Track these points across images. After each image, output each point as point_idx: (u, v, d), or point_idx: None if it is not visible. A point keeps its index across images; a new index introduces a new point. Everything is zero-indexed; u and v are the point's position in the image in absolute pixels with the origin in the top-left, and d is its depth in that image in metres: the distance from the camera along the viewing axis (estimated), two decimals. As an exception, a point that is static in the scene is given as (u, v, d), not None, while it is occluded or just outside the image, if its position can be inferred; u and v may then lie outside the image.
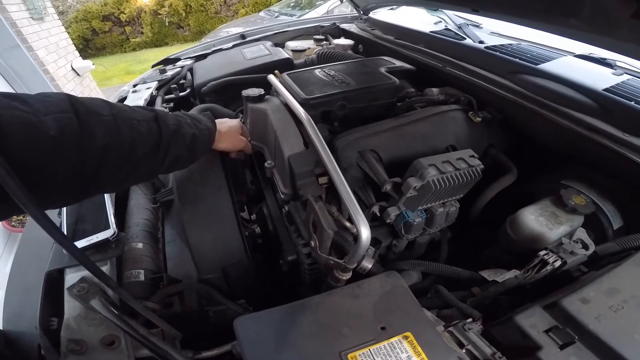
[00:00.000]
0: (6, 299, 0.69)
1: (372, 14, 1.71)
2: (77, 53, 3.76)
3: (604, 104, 0.78)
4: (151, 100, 1.22)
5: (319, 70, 1.01)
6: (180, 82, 1.45)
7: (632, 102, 0.75)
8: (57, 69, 3.25)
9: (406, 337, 0.44)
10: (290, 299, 0.53)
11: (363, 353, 0.42)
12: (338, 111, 0.87)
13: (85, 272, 0.58)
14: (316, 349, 0.44)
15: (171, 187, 0.84)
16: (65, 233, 0.61)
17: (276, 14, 4.54)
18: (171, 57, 1.66)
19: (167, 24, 8.48)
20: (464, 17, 1.37)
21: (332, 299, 0.52)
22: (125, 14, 8.28)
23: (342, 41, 1.56)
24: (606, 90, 0.81)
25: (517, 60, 1.01)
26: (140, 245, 0.68)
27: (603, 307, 0.49)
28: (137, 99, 1.18)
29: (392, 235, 0.78)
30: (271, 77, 1.00)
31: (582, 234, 0.61)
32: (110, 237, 0.61)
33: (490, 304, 0.62)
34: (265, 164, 0.87)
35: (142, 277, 0.64)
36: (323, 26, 1.79)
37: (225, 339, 0.59)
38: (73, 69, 3.58)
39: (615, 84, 0.83)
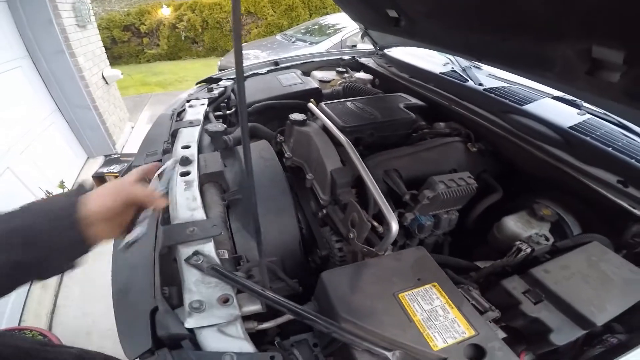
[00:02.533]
0: (113, 277, 0.81)
1: (387, 51, 2.01)
2: (107, 62, 3.99)
3: (568, 138, 1.05)
4: (205, 116, 1.46)
5: (350, 102, 1.27)
6: (225, 101, 1.71)
7: (588, 138, 1.02)
8: (91, 76, 3.43)
9: (434, 286, 0.68)
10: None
11: (408, 294, 0.66)
12: (367, 138, 1.13)
13: (197, 246, 0.77)
14: (377, 290, 0.66)
15: (237, 189, 1.08)
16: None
17: (293, 39, 4.88)
18: (214, 77, 1.91)
19: (183, 38, 8.86)
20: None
21: (384, 261, 0.75)
22: (145, 25, 8.64)
23: (363, 75, 1.84)
24: (570, 127, 1.07)
25: (507, 101, 1.28)
26: (222, 232, 0.91)
27: (559, 276, 0.73)
28: (195, 114, 1.42)
29: (406, 236, 1.02)
30: (311, 106, 1.26)
31: (545, 231, 0.86)
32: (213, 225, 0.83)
33: (483, 282, 0.85)
34: (307, 176, 1.12)
35: (227, 256, 0.82)
36: (344, 59, 2.07)
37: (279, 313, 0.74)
38: (103, 77, 3.81)
39: (578, 123, 1.10)
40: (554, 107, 1.26)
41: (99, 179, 2.99)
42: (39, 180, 2.64)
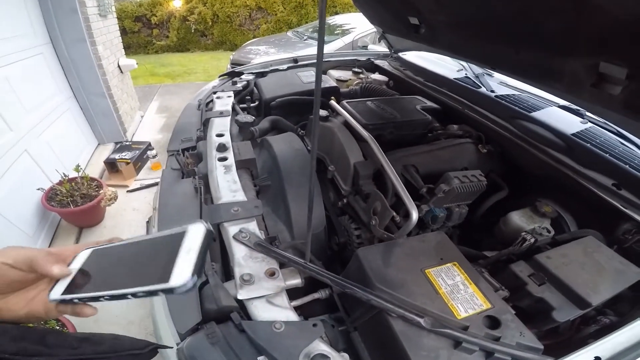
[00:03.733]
0: None
1: (401, 54, 2.10)
2: (123, 51, 4.05)
3: (570, 144, 1.15)
4: (233, 107, 1.55)
5: (370, 102, 1.37)
6: (248, 95, 1.80)
7: (589, 145, 1.12)
8: (108, 64, 3.49)
9: (454, 264, 0.78)
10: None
11: (434, 270, 0.76)
12: (387, 135, 1.23)
13: (243, 224, 0.85)
14: (406, 266, 0.76)
15: (266, 176, 1.18)
16: None
17: (305, 37, 4.96)
18: (236, 70, 2.00)
19: (192, 30, 8.90)
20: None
21: (411, 242, 0.84)
22: (156, 16, 8.64)
23: (378, 77, 1.94)
24: (573, 134, 1.18)
25: (516, 108, 1.39)
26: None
27: (559, 263, 0.83)
28: (224, 105, 1.50)
29: (419, 227, 1.12)
30: (334, 103, 1.36)
31: (547, 225, 0.97)
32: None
33: (490, 269, 0.95)
34: (329, 168, 1.21)
35: (263, 236, 0.85)
36: (359, 60, 2.17)
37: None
38: (119, 66, 3.88)
39: (581, 130, 1.21)
40: (559, 115, 1.37)
41: (111, 164, 3.06)
42: (54, 163, 2.73)
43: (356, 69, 2.07)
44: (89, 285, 0.43)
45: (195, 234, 0.42)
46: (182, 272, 0.37)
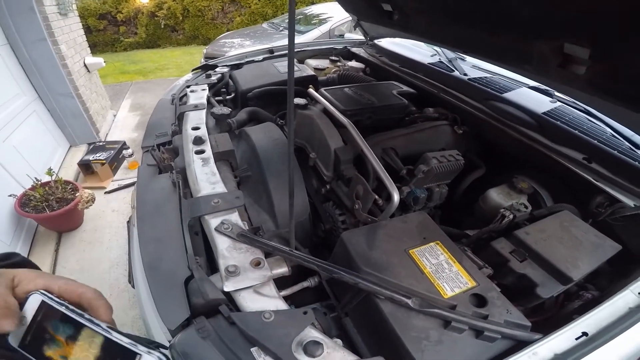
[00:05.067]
0: (142, 249, 0.81)
1: (377, 41, 2.11)
2: (89, 50, 3.90)
3: (541, 122, 1.19)
4: (207, 100, 1.51)
5: (348, 89, 1.36)
6: (223, 88, 1.76)
7: (558, 122, 1.16)
8: (73, 63, 3.36)
9: (437, 244, 0.79)
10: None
11: (418, 250, 0.77)
12: (365, 121, 1.23)
13: (225, 216, 0.84)
14: (390, 247, 0.77)
15: (246, 167, 1.16)
16: None
17: (281, 28, 4.88)
18: (210, 63, 1.95)
19: (162, 26, 8.61)
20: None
21: (393, 223, 0.85)
22: (122, 13, 8.33)
23: (355, 64, 1.94)
24: (544, 113, 1.22)
25: (489, 90, 1.42)
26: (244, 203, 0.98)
27: (538, 238, 0.85)
28: (199, 98, 1.46)
29: (402, 209, 1.13)
30: (312, 91, 1.35)
31: (524, 200, 1.00)
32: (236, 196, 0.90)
33: (473, 248, 0.97)
34: (310, 155, 1.21)
35: (246, 227, 0.85)
36: (336, 48, 2.16)
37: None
38: (85, 65, 3.73)
39: (550, 109, 1.25)
40: (529, 96, 1.41)
41: (85, 166, 2.95)
42: (24, 168, 2.61)
43: (333, 57, 2.06)
44: (40, 353, 0.41)
45: None
46: None
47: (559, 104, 1.34)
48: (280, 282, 0.77)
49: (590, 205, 1.01)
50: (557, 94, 1.42)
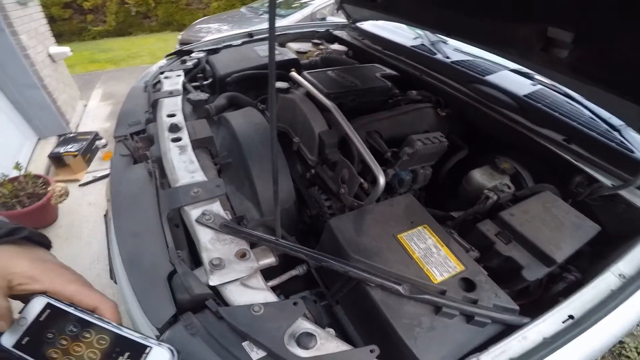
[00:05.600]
0: (119, 244, 0.78)
1: (359, 24, 2.06)
2: (53, 39, 3.68)
3: (523, 105, 1.20)
4: (183, 87, 1.45)
5: (331, 72, 1.33)
6: (200, 72, 1.68)
7: (539, 105, 1.17)
8: (36, 54, 3.19)
9: (425, 227, 0.78)
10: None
11: (406, 234, 0.75)
12: (349, 103, 1.20)
13: (205, 206, 0.79)
14: (379, 232, 0.75)
15: (227, 154, 1.11)
16: None
17: (260, 12, 4.73)
18: (184, 49, 1.86)
19: (133, 13, 8.22)
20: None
21: (380, 207, 0.83)
22: (89, 1, 7.91)
23: (338, 47, 1.89)
24: (525, 95, 1.22)
25: (471, 72, 1.41)
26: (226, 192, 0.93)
27: (522, 219, 0.85)
28: (173, 84, 1.39)
29: (387, 192, 1.12)
30: (294, 75, 1.30)
31: (507, 181, 1.01)
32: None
33: (458, 230, 0.97)
34: (294, 140, 1.18)
35: (229, 216, 0.81)
36: (318, 31, 2.10)
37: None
38: (49, 55, 3.52)
39: (531, 92, 1.26)
40: (511, 78, 1.41)
41: (57, 159, 2.80)
42: (-11, 164, 2.45)
43: (315, 41, 2.01)
44: (39, 353, 0.39)
45: (158, 358, 0.41)
46: None
47: (539, 86, 1.35)
48: (268, 272, 0.74)
49: (570, 185, 1.02)
50: (537, 76, 1.43)
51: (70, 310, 0.42)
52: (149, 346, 0.40)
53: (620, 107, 0.97)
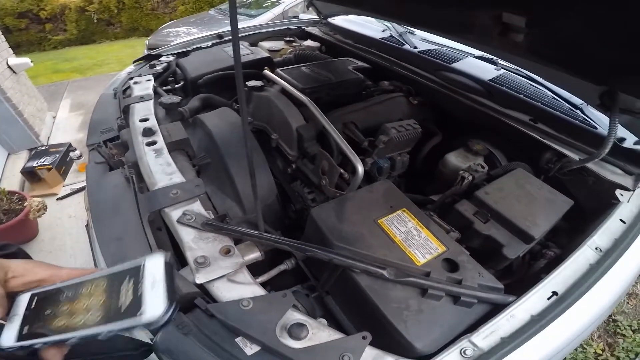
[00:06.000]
0: (103, 251, 0.77)
1: (330, 20, 2.09)
2: (10, 50, 3.51)
3: (489, 89, 1.25)
4: (154, 91, 1.41)
5: (304, 67, 1.34)
6: (171, 75, 1.66)
7: (504, 88, 1.23)
8: None
9: (404, 211, 0.80)
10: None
11: (386, 219, 0.77)
12: (324, 97, 1.22)
13: (186, 206, 0.79)
14: (360, 219, 0.76)
15: (205, 154, 1.11)
16: None
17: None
18: (153, 53, 1.82)
19: (95, 21, 7.93)
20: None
21: (360, 194, 0.85)
22: (46, 10, 7.57)
23: (311, 43, 1.90)
24: (490, 80, 1.28)
25: (438, 61, 1.46)
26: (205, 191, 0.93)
27: (497, 197, 0.88)
28: (144, 89, 1.35)
29: (367, 181, 1.15)
30: (268, 72, 1.31)
31: (481, 161, 1.05)
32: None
33: (438, 213, 1.00)
34: (272, 136, 1.18)
35: (211, 215, 0.81)
36: (290, 29, 2.11)
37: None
38: (9, 66, 3.36)
39: (496, 76, 1.31)
40: (476, 65, 1.47)
41: (30, 173, 2.68)
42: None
43: (288, 38, 2.01)
44: (45, 329, 0.40)
45: (154, 266, 0.41)
46: (155, 305, 0.37)
47: (503, 71, 1.41)
48: (257, 269, 0.75)
49: (541, 162, 1.07)
50: (500, 62, 1.50)
51: (57, 285, 0.43)
52: (141, 264, 0.41)
53: (577, 86, 1.02)
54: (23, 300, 0.42)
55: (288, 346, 0.55)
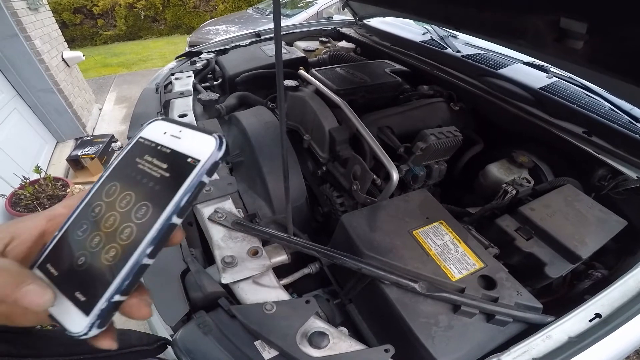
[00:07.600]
0: None
1: (366, 21, 2.05)
2: (66, 44, 3.77)
3: (539, 97, 1.16)
4: (194, 87, 1.45)
5: (340, 68, 1.32)
6: (210, 72, 1.70)
7: (556, 97, 1.14)
8: (50, 59, 3.27)
9: (441, 223, 0.76)
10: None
11: (421, 230, 0.73)
12: (359, 100, 1.19)
13: (218, 204, 0.79)
14: (393, 228, 0.73)
15: (239, 152, 1.11)
16: None
17: (266, 13, 4.76)
18: (194, 50, 1.87)
19: (142, 17, 8.34)
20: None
21: (395, 203, 0.81)
22: (98, 6, 8.02)
23: (346, 44, 1.88)
24: (541, 88, 1.19)
25: (483, 66, 1.38)
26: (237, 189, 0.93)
27: (543, 214, 0.82)
28: (184, 85, 1.40)
29: (401, 189, 1.10)
30: (303, 72, 1.30)
31: (526, 175, 0.98)
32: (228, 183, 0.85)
33: (476, 226, 0.94)
34: (304, 137, 1.17)
35: (241, 214, 0.81)
36: (325, 29, 2.09)
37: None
38: (63, 59, 3.60)
39: (547, 84, 1.22)
40: (525, 71, 1.37)
41: (75, 161, 2.87)
42: (11, 167, 2.54)
43: (323, 39, 2.00)
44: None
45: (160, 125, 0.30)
46: (206, 141, 0.27)
47: (555, 79, 1.31)
48: (280, 270, 0.74)
49: (593, 179, 0.98)
50: (553, 69, 1.39)
51: (65, 226, 0.31)
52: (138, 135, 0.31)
53: (640, 97, 0.93)
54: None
55: (307, 354, 0.53)
